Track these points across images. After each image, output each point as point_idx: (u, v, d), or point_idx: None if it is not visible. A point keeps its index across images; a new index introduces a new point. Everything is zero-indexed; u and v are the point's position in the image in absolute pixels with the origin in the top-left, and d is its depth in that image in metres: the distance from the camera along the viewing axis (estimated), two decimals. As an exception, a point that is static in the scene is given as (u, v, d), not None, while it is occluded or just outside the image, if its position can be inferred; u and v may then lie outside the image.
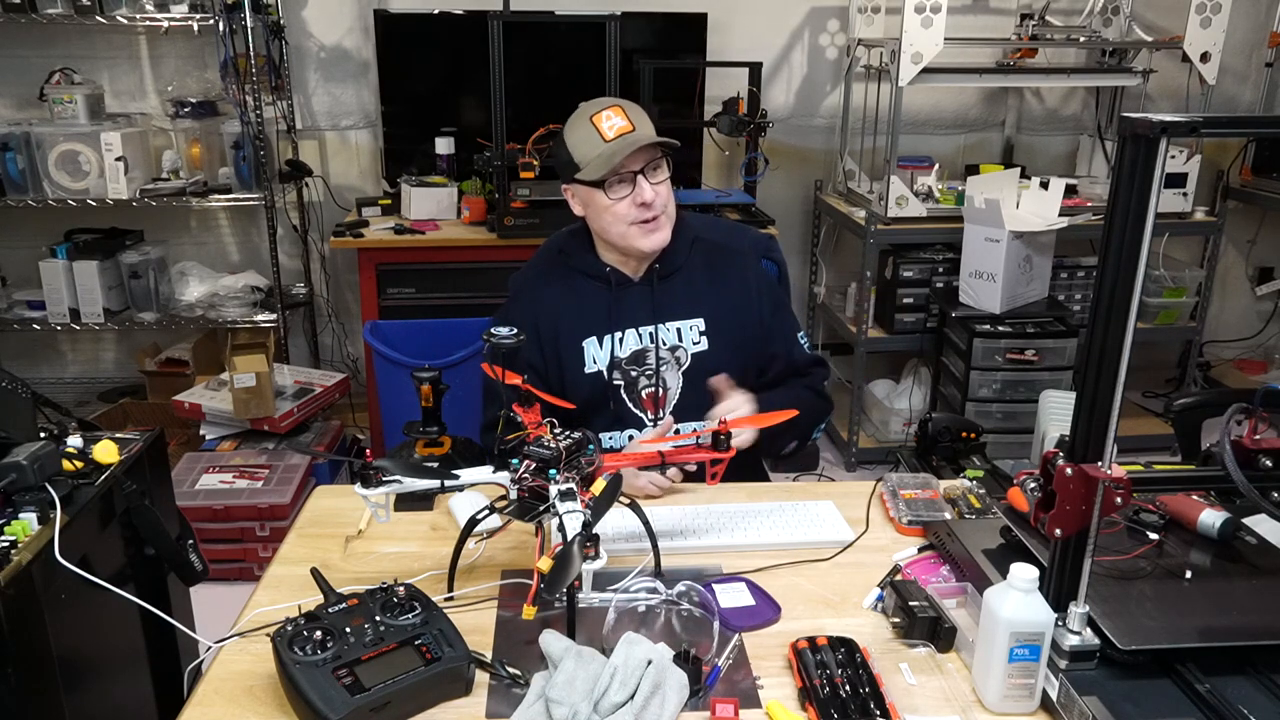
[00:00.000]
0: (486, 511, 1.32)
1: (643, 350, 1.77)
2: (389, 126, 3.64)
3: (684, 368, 1.78)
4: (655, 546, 1.37)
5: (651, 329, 1.76)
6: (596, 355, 1.77)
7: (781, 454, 1.89)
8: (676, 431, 1.77)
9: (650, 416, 1.79)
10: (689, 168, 3.70)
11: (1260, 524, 1.35)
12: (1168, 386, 4.11)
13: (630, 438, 1.79)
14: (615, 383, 1.77)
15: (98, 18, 3.22)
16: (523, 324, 1.75)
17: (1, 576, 1.15)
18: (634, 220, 1.68)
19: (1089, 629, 1.09)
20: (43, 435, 1.42)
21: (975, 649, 1.13)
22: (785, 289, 2.06)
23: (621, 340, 1.76)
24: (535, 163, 3.02)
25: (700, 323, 1.78)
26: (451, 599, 1.31)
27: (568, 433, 1.29)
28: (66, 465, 1.37)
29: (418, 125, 3.61)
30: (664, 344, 1.77)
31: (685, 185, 3.64)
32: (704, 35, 3.64)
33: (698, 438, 1.49)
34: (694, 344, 1.78)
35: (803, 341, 1.89)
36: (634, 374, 1.77)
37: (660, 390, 1.78)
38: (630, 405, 1.78)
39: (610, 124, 1.64)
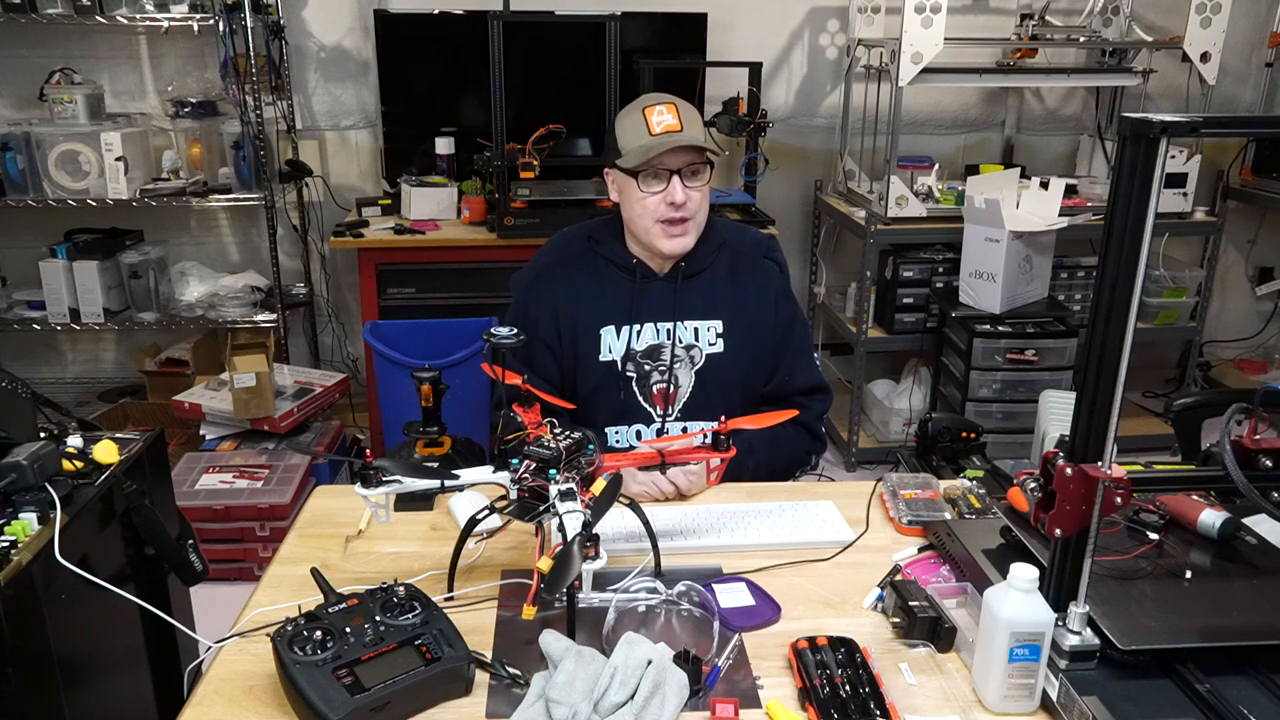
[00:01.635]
0: (486, 511, 1.32)
1: (659, 345, 1.79)
2: (389, 126, 3.64)
3: (697, 367, 1.80)
4: (655, 546, 1.37)
5: (670, 325, 1.78)
6: (613, 345, 1.78)
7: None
8: (684, 430, 1.78)
9: (659, 412, 1.80)
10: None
11: (1260, 524, 1.35)
12: (1168, 386, 4.11)
13: (637, 433, 1.80)
14: (628, 374, 1.78)
15: (98, 18, 3.21)
16: (542, 305, 1.77)
17: (1, 576, 1.15)
18: (660, 218, 1.70)
19: (1089, 629, 1.09)
20: (43, 435, 1.42)
21: (975, 649, 1.13)
22: None
23: (639, 333, 1.78)
24: (535, 163, 3.02)
25: (719, 325, 1.80)
26: (451, 599, 1.31)
27: (568, 433, 1.29)
28: (66, 465, 1.37)
29: (418, 125, 3.61)
30: (680, 341, 1.79)
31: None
32: (704, 35, 3.64)
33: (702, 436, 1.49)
34: (710, 345, 1.80)
35: (816, 364, 1.91)
36: (647, 368, 1.79)
37: (672, 387, 1.79)
38: (640, 399, 1.79)
39: (659, 119, 1.66)
